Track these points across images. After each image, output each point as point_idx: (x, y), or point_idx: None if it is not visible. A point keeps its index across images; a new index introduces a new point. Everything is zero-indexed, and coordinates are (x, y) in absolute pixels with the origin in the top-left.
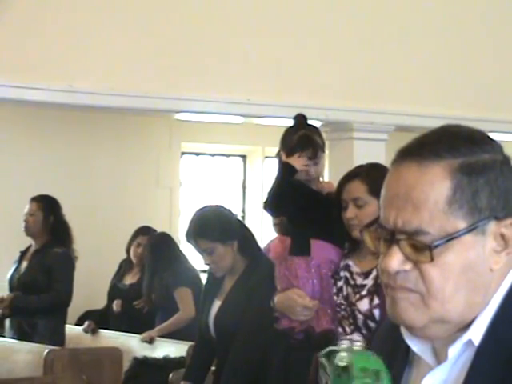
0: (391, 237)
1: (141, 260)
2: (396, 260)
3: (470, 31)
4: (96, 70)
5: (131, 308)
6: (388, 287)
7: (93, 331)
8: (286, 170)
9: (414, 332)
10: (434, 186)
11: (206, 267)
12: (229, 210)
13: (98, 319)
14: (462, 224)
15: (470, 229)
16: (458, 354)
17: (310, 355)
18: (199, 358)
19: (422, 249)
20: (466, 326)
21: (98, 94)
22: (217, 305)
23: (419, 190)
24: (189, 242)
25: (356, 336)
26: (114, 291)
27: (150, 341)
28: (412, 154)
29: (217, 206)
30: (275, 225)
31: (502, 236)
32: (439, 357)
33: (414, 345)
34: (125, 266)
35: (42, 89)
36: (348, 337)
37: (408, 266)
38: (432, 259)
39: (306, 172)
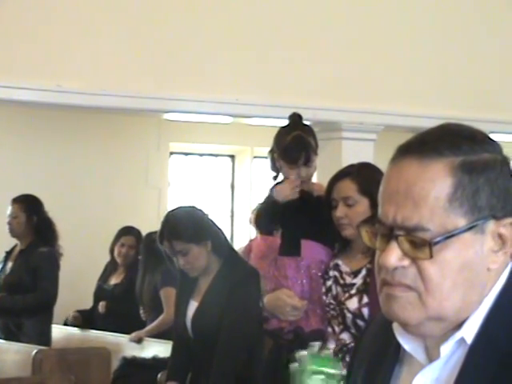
0: (389, 233)
1: (125, 259)
2: (394, 256)
3: (462, 29)
4: (85, 70)
5: (116, 308)
6: (385, 284)
7: (77, 322)
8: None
9: (408, 329)
10: (435, 183)
11: None
12: (201, 210)
13: (84, 320)
14: (461, 222)
15: (470, 227)
16: (451, 353)
17: None
18: (180, 358)
19: (420, 245)
20: (459, 324)
21: (87, 93)
22: (193, 305)
23: (420, 187)
24: (162, 244)
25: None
26: (99, 292)
27: (139, 341)
28: (413, 151)
29: (188, 206)
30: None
31: (500, 236)
32: (431, 355)
33: (406, 343)
34: (110, 268)
35: (30, 89)
36: (317, 343)
37: (406, 263)
38: (431, 256)
39: (297, 173)
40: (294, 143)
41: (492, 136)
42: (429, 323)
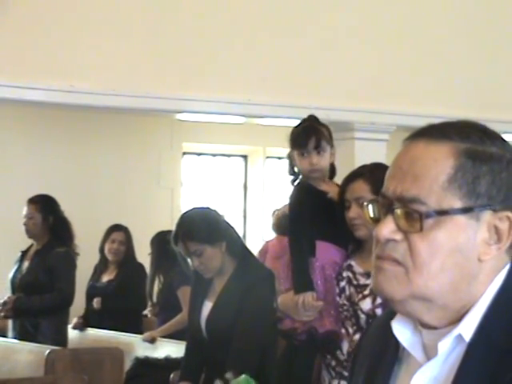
0: (389, 207)
1: (116, 256)
2: (388, 228)
3: (470, 31)
4: (97, 70)
5: (112, 304)
6: (378, 259)
7: (81, 328)
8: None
9: (394, 306)
10: (437, 162)
11: None
12: (215, 211)
13: (85, 322)
14: (457, 204)
15: (465, 210)
16: (449, 351)
17: (312, 356)
18: (194, 358)
19: (414, 218)
20: (456, 321)
21: (99, 94)
22: (208, 306)
23: (422, 164)
24: (176, 245)
25: None
26: (92, 290)
27: (152, 341)
28: (422, 134)
29: (203, 207)
30: (274, 225)
31: (496, 229)
32: (429, 353)
33: (404, 340)
34: (100, 267)
35: (42, 89)
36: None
37: (398, 237)
38: (421, 229)
39: (309, 162)
40: (304, 130)
41: (505, 136)
42: (414, 302)
